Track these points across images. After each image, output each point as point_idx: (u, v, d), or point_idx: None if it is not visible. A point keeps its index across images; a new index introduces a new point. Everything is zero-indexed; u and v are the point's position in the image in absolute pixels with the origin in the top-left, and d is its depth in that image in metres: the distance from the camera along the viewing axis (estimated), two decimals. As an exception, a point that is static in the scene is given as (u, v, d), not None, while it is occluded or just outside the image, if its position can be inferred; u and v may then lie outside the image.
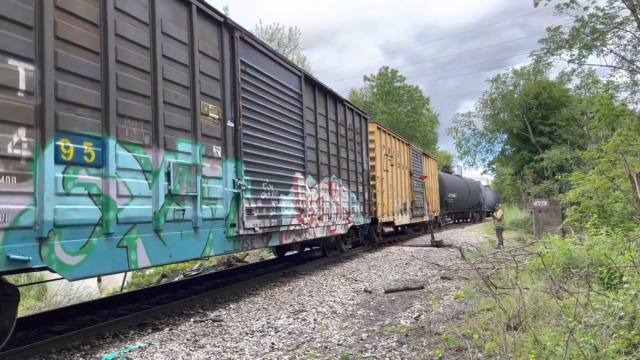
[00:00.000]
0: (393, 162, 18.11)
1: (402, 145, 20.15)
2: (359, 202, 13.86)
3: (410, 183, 20.78)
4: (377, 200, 15.71)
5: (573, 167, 27.59)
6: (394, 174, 18.22)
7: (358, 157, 14.08)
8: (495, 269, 9.56)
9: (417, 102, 47.27)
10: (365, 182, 14.70)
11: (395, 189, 18.24)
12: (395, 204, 18.03)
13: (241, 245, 7.74)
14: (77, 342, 5.52)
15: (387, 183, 17.05)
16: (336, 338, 5.73)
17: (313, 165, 10.79)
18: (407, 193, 20.09)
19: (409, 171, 20.66)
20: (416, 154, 22.47)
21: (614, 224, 11.37)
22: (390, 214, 17.19)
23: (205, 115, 6.94)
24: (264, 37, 34.44)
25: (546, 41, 27.66)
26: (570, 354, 3.93)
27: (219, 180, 7.15)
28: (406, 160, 20.50)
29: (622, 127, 19.58)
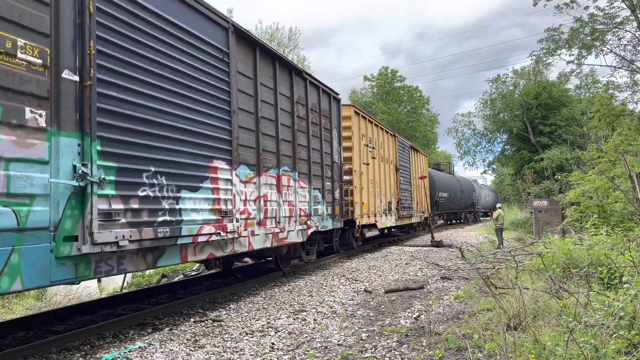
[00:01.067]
0: (375, 154, 15.71)
1: (387, 135, 17.69)
2: (326, 202, 11.29)
3: (397, 179, 18.53)
4: (355, 198, 13.35)
5: (573, 167, 27.59)
6: (377, 168, 15.85)
7: (326, 146, 11.30)
8: (495, 269, 9.56)
9: (417, 102, 47.27)
10: (337, 177, 12.10)
11: (378, 185, 15.87)
12: (378, 204, 15.70)
13: (92, 270, 5.01)
14: (77, 342, 5.52)
15: (367, 179, 14.66)
16: (336, 338, 5.73)
17: (250, 152, 8.10)
18: (392, 191, 17.70)
19: (394, 166, 18.36)
20: (403, 146, 20.13)
21: (614, 224, 11.37)
22: (372, 215, 14.91)
23: (5, 53, 4.25)
24: (264, 37, 34.44)
25: (545, 41, 27.67)
26: (570, 354, 3.93)
27: (36, 164, 4.46)
28: (392, 154, 18.15)
29: (622, 127, 19.59)
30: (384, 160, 17.01)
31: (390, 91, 46.35)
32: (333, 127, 12.09)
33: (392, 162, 18.15)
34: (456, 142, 49.10)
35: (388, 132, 17.88)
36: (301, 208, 9.95)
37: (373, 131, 15.90)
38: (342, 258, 13.74)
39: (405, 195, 19.53)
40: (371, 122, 15.84)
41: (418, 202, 22.18)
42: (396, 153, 18.66)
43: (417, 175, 22.54)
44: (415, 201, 21.59)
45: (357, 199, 13.64)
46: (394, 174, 18.32)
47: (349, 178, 13.33)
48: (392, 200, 17.54)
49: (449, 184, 30.37)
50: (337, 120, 12.45)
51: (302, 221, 9.93)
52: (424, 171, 24.32)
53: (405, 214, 19.40)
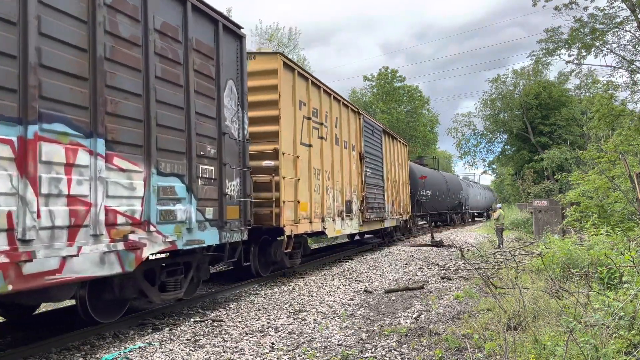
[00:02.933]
0: (325, 133, 11.51)
1: (347, 111, 13.40)
2: (199, 200, 6.67)
3: (361, 171, 14.16)
4: (283, 195, 9.09)
5: (573, 167, 27.60)
6: (328, 153, 11.68)
7: (204, 104, 6.88)
8: (495, 269, 9.56)
9: (417, 102, 47.24)
10: (233, 159, 7.58)
11: (330, 177, 11.69)
12: (329, 203, 11.54)
13: None
14: (77, 342, 5.52)
15: (309, 167, 10.51)
16: (336, 338, 5.73)
17: None
18: (354, 186, 13.55)
19: (358, 153, 14.09)
20: (372, 129, 15.55)
21: (614, 224, 11.37)
22: (318, 219, 10.83)
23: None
24: (264, 37, 34.43)
25: (545, 41, 27.68)
26: (570, 354, 3.93)
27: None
28: (354, 136, 13.90)
29: (622, 127, 19.59)
30: (342, 143, 12.68)
31: (390, 91, 46.31)
32: (225, 77, 7.46)
33: (356, 147, 13.90)
34: (456, 142, 49.17)
35: (348, 107, 13.44)
36: (115, 209, 5.24)
37: (322, 101, 11.40)
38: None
39: (374, 192, 15.20)
40: (319, 87, 11.22)
41: (395, 201, 18.08)
42: (361, 136, 14.28)
43: (394, 168, 18.29)
44: (390, 200, 17.29)
45: (287, 195, 9.34)
46: (358, 163, 13.99)
47: (273, 164, 9.14)
48: (353, 198, 13.34)
49: (433, 181, 26.09)
50: (237, 67, 7.89)
51: (116, 235, 5.23)
52: (403, 163, 20.16)
53: (375, 216, 15.00)
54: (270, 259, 9.87)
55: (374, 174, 15.32)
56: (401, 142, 20.32)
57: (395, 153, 18.80)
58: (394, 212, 17.89)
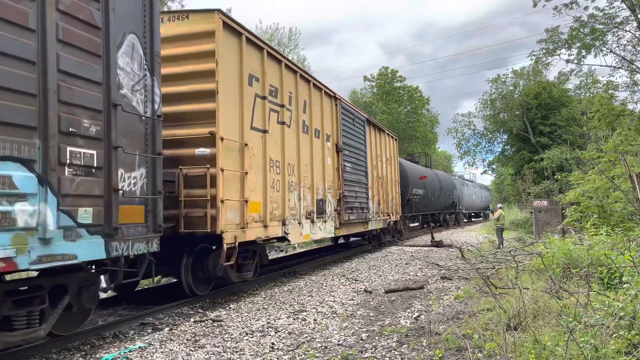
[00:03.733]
0: (289, 118, 9.54)
1: (320, 94, 11.30)
2: (66, 197, 4.62)
3: (338, 165, 12.14)
4: (221, 192, 7.16)
5: (573, 167, 27.60)
6: (293, 142, 9.70)
7: (82, 63, 4.93)
8: (495, 269, 9.56)
9: (417, 102, 47.27)
10: (132, 141, 5.60)
11: (294, 171, 9.68)
12: (293, 202, 9.51)
13: None
14: (77, 342, 5.52)
15: (264, 158, 8.52)
16: (336, 338, 5.73)
17: None
18: (328, 183, 11.42)
19: (334, 145, 12.07)
20: (352, 117, 13.46)
21: (614, 224, 11.38)
22: (276, 222, 8.81)
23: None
24: (264, 37, 34.45)
25: (545, 41, 27.70)
26: (570, 354, 3.93)
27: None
28: (329, 125, 11.83)
29: (622, 127, 19.60)
30: (312, 132, 10.64)
31: (390, 91, 46.34)
32: (123, 30, 5.50)
33: (331, 138, 11.87)
34: (456, 142, 49.21)
35: (322, 90, 11.42)
36: None
37: (285, 79, 9.39)
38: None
39: (355, 190, 13.14)
40: (279, 61, 9.29)
41: (382, 200, 16.11)
42: (338, 125, 12.25)
43: (381, 163, 16.36)
44: (376, 200, 15.40)
45: (228, 192, 7.30)
46: (334, 156, 12.02)
47: (208, 152, 7.21)
48: (327, 197, 11.33)
49: (425, 179, 24.51)
50: (144, 19, 5.87)
51: None
52: (392, 159, 18.16)
53: (356, 218, 12.99)
54: (210, 273, 7.63)
55: (354, 169, 13.30)
56: (390, 136, 18.36)
57: (383, 147, 16.77)
58: (380, 213, 15.84)
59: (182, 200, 7.09)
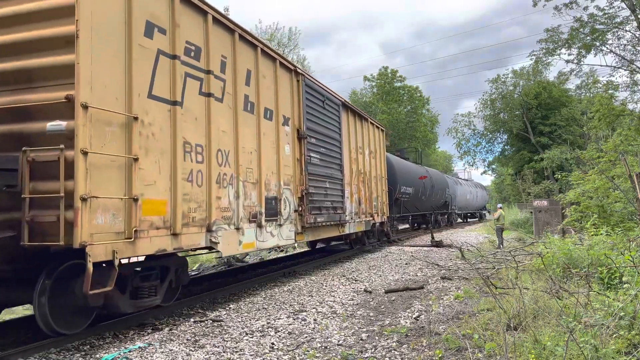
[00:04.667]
0: (221, 91, 7.40)
1: (273, 66, 9.13)
2: None
3: (300, 156, 9.99)
4: (79, 185, 4.90)
5: (573, 167, 27.61)
6: (227, 123, 7.52)
7: None
8: (495, 269, 9.56)
9: (417, 102, 47.30)
10: None
11: (231, 161, 7.51)
12: (226, 202, 7.32)
13: None
14: (77, 342, 5.52)
15: (172, 139, 6.28)
16: (336, 338, 5.73)
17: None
18: (285, 177, 9.30)
19: (295, 130, 9.93)
20: (322, 99, 11.37)
21: (614, 224, 11.38)
22: (196, 228, 6.62)
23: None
24: (264, 37, 34.44)
25: (545, 41, 27.72)
26: (570, 354, 3.93)
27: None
28: (288, 105, 9.71)
29: (622, 127, 19.60)
30: (259, 111, 8.39)
31: (390, 91, 46.37)
32: None
33: (291, 121, 9.76)
34: (456, 143, 49.23)
35: (276, 60, 9.19)
36: None
37: (212, 37, 7.18)
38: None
39: (324, 186, 11.00)
40: (204, 12, 7.08)
41: (363, 199, 14.05)
42: (300, 107, 10.10)
43: (363, 156, 14.34)
44: (355, 198, 13.32)
45: (101, 187, 5.21)
46: (294, 144, 9.83)
47: (64, 125, 5.17)
48: (283, 195, 9.16)
49: (415, 177, 22.47)
50: None
51: None
52: (377, 152, 16.07)
53: (325, 220, 10.85)
54: (81, 302, 5.39)
55: (325, 162, 11.15)
56: (375, 125, 16.21)
57: (366, 137, 14.72)
58: (362, 214, 13.86)
59: (27, 198, 5.00)
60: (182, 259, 7.17)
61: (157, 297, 6.45)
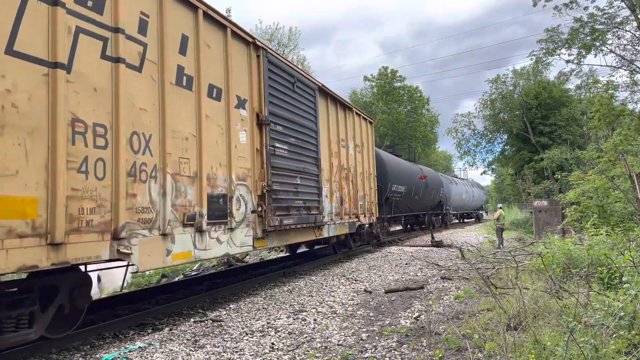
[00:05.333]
0: (136, 56, 5.74)
1: (222, 35, 7.56)
2: None
3: (261, 145, 8.38)
4: None
5: (573, 167, 27.62)
6: (148, 95, 5.84)
7: None
8: (495, 269, 9.56)
9: (417, 102, 47.33)
10: None
11: (153, 148, 5.86)
12: (144, 199, 5.65)
13: None
14: (77, 342, 5.52)
15: (52, 114, 4.59)
16: (336, 338, 5.73)
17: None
18: (238, 171, 7.73)
19: (254, 115, 8.31)
20: (292, 80, 9.73)
21: (614, 224, 11.39)
22: (93, 234, 4.91)
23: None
24: (264, 37, 34.43)
25: (545, 41, 27.74)
26: (570, 354, 3.93)
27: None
28: (244, 85, 8.11)
29: (621, 127, 19.62)
30: (199, 88, 6.80)
31: (390, 91, 46.40)
32: None
33: (249, 104, 8.15)
34: (456, 143, 49.26)
35: (227, 28, 7.62)
36: None
37: None
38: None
39: (294, 182, 9.45)
40: None
41: (347, 198, 12.67)
42: (261, 87, 8.47)
43: (346, 150, 12.97)
44: (337, 197, 11.93)
45: None
46: (252, 131, 8.19)
47: None
48: (234, 192, 7.51)
49: (408, 174, 21.03)
50: None
51: None
52: (364, 146, 14.71)
53: (296, 222, 9.30)
54: None
55: (295, 154, 9.57)
56: (362, 116, 14.63)
57: (350, 129, 13.31)
58: (345, 214, 12.41)
59: None
60: (81, 275, 5.43)
61: (31, 330, 4.71)
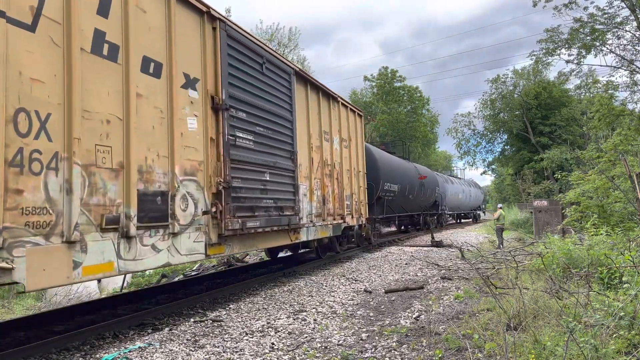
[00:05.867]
0: (38, 15, 4.53)
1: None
2: None
3: (217, 133, 7.11)
4: None
5: (573, 167, 27.62)
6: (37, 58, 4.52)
7: None
8: (495, 269, 9.56)
9: (417, 102, 47.33)
10: None
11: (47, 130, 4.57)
12: (32, 197, 4.34)
13: None
14: (77, 342, 5.52)
15: None
16: (336, 338, 5.73)
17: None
18: (185, 163, 6.42)
19: (205, 95, 6.97)
20: (257, 59, 8.37)
21: (614, 224, 11.39)
22: None
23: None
24: (264, 37, 34.46)
25: (545, 41, 27.75)
26: (570, 354, 3.93)
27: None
28: (192, 57, 6.76)
29: (621, 127, 19.62)
30: (130, 59, 5.58)
31: (390, 91, 46.40)
32: None
33: (200, 84, 6.90)
34: (456, 143, 49.27)
35: None
36: None
37: None
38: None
39: (262, 179, 8.21)
40: None
41: (331, 197, 11.53)
42: (218, 65, 7.23)
43: (331, 144, 11.83)
44: (318, 196, 10.76)
45: None
46: (207, 117, 7.01)
47: None
48: (183, 190, 6.34)
49: (401, 173, 19.76)
50: None
51: None
52: (352, 140, 13.50)
53: (263, 224, 8.06)
54: None
55: (264, 146, 8.30)
56: (350, 108, 13.42)
57: (335, 121, 12.16)
58: (328, 215, 11.17)
59: None
60: None
61: None
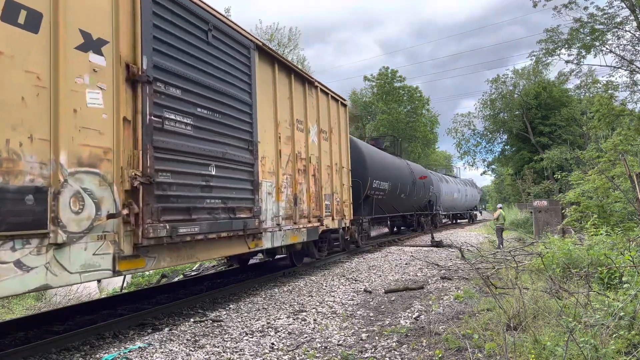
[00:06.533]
0: None
1: None
2: None
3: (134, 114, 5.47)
4: None
5: (573, 167, 27.62)
6: None
7: None
8: (495, 269, 9.56)
9: (417, 102, 47.31)
10: None
11: None
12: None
13: None
14: (77, 342, 5.52)
15: None
16: (336, 338, 5.73)
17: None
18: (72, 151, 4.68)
19: (116, 62, 5.30)
20: (202, 24, 6.74)
21: (614, 224, 11.38)
22: None
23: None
24: (264, 37, 34.45)
25: (545, 41, 27.76)
26: (570, 354, 3.93)
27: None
28: (93, 14, 5.05)
29: (621, 127, 19.62)
30: None
31: (390, 91, 46.38)
32: None
33: (105, 45, 5.19)
34: (456, 143, 49.25)
35: None
36: None
37: None
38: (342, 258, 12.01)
39: (207, 173, 6.63)
40: None
41: (305, 197, 10.28)
42: (137, 24, 5.55)
43: (308, 135, 10.52)
44: (288, 195, 9.50)
45: None
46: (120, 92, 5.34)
47: None
48: (74, 186, 4.69)
49: (393, 170, 18.38)
50: None
51: None
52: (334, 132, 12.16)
53: (205, 230, 6.46)
54: None
55: (208, 132, 6.80)
56: (331, 95, 11.99)
57: (311, 109, 10.82)
58: (301, 217, 9.95)
59: None
60: None
61: None
